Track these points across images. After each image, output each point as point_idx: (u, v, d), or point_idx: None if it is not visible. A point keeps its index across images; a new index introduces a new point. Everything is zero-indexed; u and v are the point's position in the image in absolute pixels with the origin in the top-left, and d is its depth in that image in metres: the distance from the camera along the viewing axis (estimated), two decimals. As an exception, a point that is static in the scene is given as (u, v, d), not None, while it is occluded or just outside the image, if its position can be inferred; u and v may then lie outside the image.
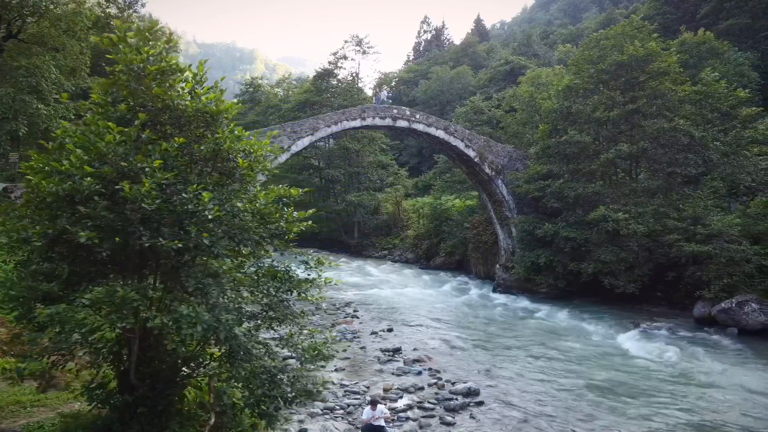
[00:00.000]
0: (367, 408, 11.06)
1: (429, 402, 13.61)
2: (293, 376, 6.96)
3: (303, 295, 7.94)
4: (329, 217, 48.97)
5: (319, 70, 52.26)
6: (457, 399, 13.73)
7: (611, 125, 26.72)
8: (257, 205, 6.73)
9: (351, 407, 13.03)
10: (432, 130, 29.20)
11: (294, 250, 7.47)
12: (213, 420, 6.54)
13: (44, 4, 19.14)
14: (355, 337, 20.13)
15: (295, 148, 26.38)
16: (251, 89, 63.93)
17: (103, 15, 26.38)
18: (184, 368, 7.19)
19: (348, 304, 26.19)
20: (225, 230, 6.53)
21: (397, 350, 18.23)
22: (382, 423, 10.86)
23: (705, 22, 45.95)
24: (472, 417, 12.89)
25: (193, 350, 6.97)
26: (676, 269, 23.85)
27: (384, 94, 34.99)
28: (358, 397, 13.79)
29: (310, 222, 7.71)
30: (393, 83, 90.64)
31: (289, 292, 7.20)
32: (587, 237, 25.71)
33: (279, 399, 6.79)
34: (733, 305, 20.48)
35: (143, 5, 27.49)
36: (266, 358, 6.95)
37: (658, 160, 25.62)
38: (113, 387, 7.05)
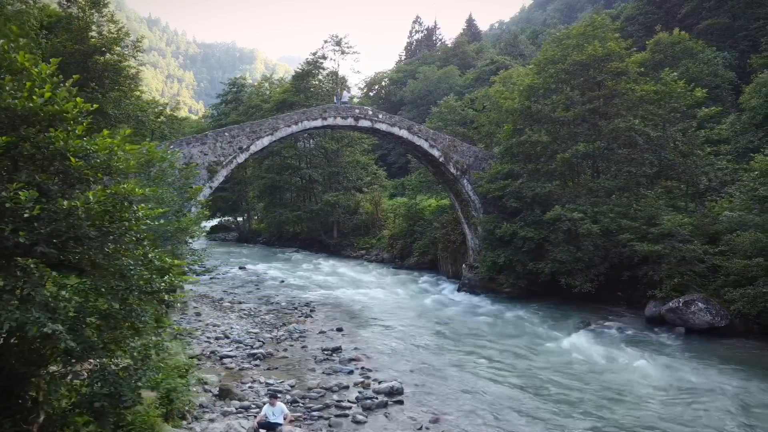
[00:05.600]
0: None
1: (348, 401, 13.60)
2: (130, 376, 6.97)
3: (162, 294, 7.97)
4: (309, 217, 49.00)
5: (298, 70, 52.44)
6: (377, 398, 13.70)
7: (570, 125, 26.68)
8: (90, 204, 6.72)
9: (267, 406, 13.02)
10: (395, 130, 29.18)
11: (141, 249, 7.45)
12: (42, 418, 6.56)
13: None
14: (301, 336, 20.15)
15: (254, 148, 26.39)
16: (234, 89, 64.11)
17: (64, 15, 26.40)
18: (27, 366, 7.19)
19: (307, 304, 26.19)
20: (54, 229, 6.55)
21: (336, 349, 18.22)
22: (279, 420, 10.87)
23: (687, 22, 45.90)
24: (386, 416, 12.88)
25: (31, 347, 6.98)
26: (631, 269, 23.80)
27: (346, 93, 34.81)
28: (280, 395, 13.77)
29: (161, 220, 7.70)
30: (384, 83, 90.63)
31: (129, 291, 7.20)
32: (545, 236, 25.70)
33: (113, 398, 6.80)
34: (680, 304, 20.41)
35: (105, 5, 27.34)
36: (104, 357, 6.96)
37: (616, 159, 25.56)
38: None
